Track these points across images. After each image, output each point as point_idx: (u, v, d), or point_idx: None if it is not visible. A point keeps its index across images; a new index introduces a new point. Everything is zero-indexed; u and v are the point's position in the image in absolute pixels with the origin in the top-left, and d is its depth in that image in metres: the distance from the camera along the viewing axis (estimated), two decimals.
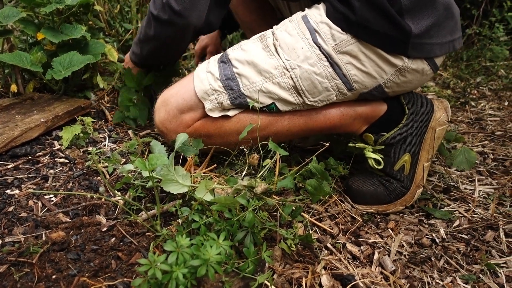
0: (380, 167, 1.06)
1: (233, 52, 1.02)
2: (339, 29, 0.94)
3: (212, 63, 1.04)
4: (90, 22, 1.68)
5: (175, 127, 1.05)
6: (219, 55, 1.06)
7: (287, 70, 0.97)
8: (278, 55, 0.98)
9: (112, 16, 2.14)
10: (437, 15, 0.95)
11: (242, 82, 0.99)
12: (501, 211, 1.11)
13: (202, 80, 1.01)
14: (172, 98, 1.05)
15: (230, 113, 1.02)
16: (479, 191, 1.21)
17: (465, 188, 1.22)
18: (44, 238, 0.85)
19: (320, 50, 0.95)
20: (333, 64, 0.96)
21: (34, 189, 1.02)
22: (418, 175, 1.06)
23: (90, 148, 1.22)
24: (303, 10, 1.11)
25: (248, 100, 1.00)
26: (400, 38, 0.93)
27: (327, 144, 0.95)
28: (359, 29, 0.92)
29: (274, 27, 1.03)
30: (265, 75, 0.98)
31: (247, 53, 1.00)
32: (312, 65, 0.96)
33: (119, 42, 2.01)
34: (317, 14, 0.97)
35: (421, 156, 1.05)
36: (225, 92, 1.00)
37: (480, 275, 0.88)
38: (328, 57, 0.95)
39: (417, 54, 0.96)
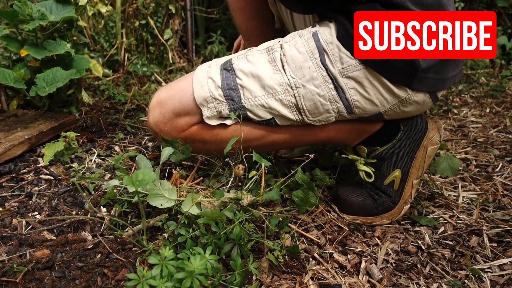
0: (370, 180, 1.07)
1: (238, 62, 1.00)
2: (348, 53, 0.92)
3: (214, 68, 1.01)
4: (75, 38, 1.68)
5: (169, 130, 1.03)
6: (222, 59, 1.04)
7: (291, 88, 0.95)
8: (284, 71, 0.96)
9: (97, 31, 2.14)
10: None
11: (244, 94, 0.97)
12: (484, 216, 1.13)
13: (203, 86, 0.99)
14: (169, 100, 1.02)
15: (228, 122, 1.01)
16: (463, 197, 1.23)
17: (449, 195, 1.24)
18: (28, 257, 0.83)
19: (327, 72, 0.94)
20: (337, 87, 0.95)
21: (18, 207, 1.01)
22: (407, 191, 1.07)
23: (74, 164, 1.21)
24: (306, 23, 1.10)
25: (248, 113, 0.98)
26: (407, 71, 0.92)
27: (312, 155, 0.96)
28: None
29: (283, 39, 1.00)
30: (268, 91, 0.96)
31: (253, 65, 0.98)
32: (317, 86, 0.95)
33: (104, 57, 2.01)
34: (328, 33, 0.95)
35: (411, 173, 1.06)
36: (225, 101, 0.98)
37: (466, 281, 0.89)
38: (333, 79, 0.94)
39: (420, 88, 0.95)
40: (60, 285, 0.76)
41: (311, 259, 0.92)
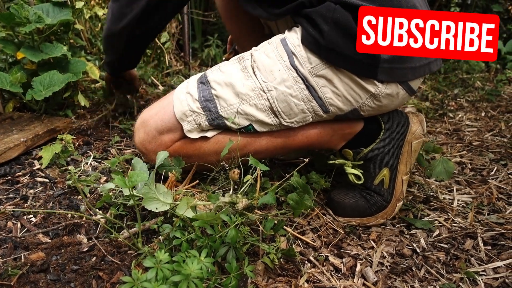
0: (360, 182, 1.08)
1: (212, 74, 1.03)
2: (313, 53, 0.95)
3: (191, 84, 1.04)
4: (71, 41, 1.68)
5: (155, 147, 1.06)
6: (199, 74, 1.07)
7: (263, 91, 0.98)
8: (256, 76, 0.98)
9: (94, 34, 2.14)
10: None
11: (219, 103, 1.00)
12: (479, 219, 1.13)
13: (181, 102, 1.02)
14: (152, 119, 1.05)
15: (209, 134, 1.04)
16: (458, 200, 1.23)
17: (444, 198, 1.24)
18: (23, 260, 0.83)
19: (297, 72, 0.96)
20: (309, 86, 0.97)
21: (13, 210, 1.00)
22: (398, 188, 1.07)
23: (70, 167, 1.21)
24: (289, 26, 1.12)
25: (226, 121, 1.01)
26: (368, 63, 0.93)
27: (307, 160, 0.97)
28: (328, 53, 0.93)
29: (253, 48, 1.04)
30: (242, 97, 0.99)
31: (225, 74, 1.01)
32: (288, 87, 0.97)
33: (101, 60, 2.01)
34: (295, 37, 0.98)
35: (399, 169, 1.07)
36: (203, 113, 1.01)
37: (460, 284, 0.89)
38: (304, 79, 0.96)
39: (388, 79, 0.96)
40: None
41: (306, 262, 0.92)
